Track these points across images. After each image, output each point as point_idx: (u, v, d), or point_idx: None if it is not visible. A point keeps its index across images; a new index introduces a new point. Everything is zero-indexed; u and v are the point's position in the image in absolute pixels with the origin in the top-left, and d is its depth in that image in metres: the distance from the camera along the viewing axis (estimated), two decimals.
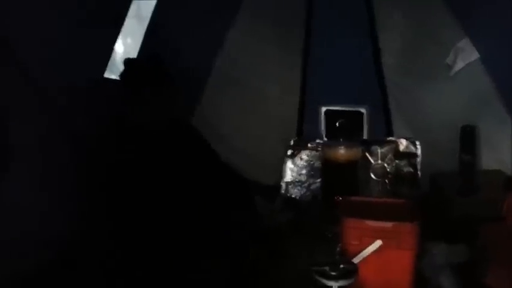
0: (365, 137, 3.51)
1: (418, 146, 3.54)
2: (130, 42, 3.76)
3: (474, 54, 3.24)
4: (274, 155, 3.74)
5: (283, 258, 2.76)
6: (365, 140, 3.49)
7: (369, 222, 2.40)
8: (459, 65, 3.31)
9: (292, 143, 3.73)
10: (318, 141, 3.62)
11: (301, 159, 3.69)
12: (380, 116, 3.77)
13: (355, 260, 2.29)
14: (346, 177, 3.28)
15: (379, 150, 3.48)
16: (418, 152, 3.54)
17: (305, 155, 3.68)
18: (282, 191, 3.66)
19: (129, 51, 3.50)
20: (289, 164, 3.69)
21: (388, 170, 3.47)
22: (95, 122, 2.67)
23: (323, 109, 3.55)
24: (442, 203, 3.12)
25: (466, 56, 3.28)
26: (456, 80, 3.35)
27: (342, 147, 3.32)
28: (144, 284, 2.31)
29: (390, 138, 3.64)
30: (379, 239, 2.34)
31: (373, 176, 3.45)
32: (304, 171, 3.68)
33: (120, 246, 2.37)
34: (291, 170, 3.69)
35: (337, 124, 3.49)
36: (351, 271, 2.10)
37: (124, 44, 3.72)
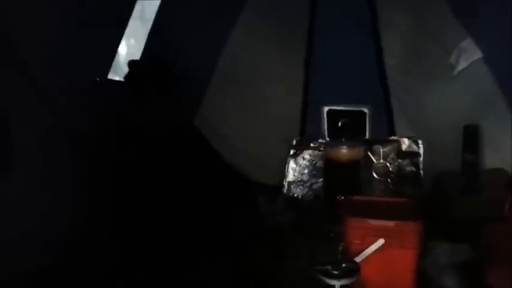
0: (367, 137, 3.50)
1: (420, 145, 3.52)
2: (134, 43, 3.78)
3: (477, 54, 3.23)
4: (276, 155, 3.73)
5: (286, 258, 2.75)
6: (367, 140, 3.48)
7: (371, 222, 2.39)
8: (462, 64, 3.29)
9: (294, 142, 3.72)
10: (321, 140, 3.61)
11: (303, 159, 3.68)
12: (382, 116, 3.74)
13: (358, 259, 2.29)
14: (348, 177, 3.27)
15: (382, 150, 3.47)
16: (421, 152, 3.52)
17: (307, 154, 3.68)
18: (284, 191, 3.65)
19: (133, 52, 3.52)
20: (291, 164, 3.68)
21: (390, 169, 3.46)
22: (96, 122, 2.68)
23: (325, 109, 3.55)
24: (445, 202, 3.10)
25: (469, 56, 3.26)
26: (459, 80, 3.33)
27: (344, 147, 3.30)
28: (144, 284, 2.31)
29: (393, 137, 3.62)
30: (382, 238, 2.34)
31: (375, 176, 3.44)
32: (306, 171, 3.67)
33: (120, 246, 2.37)
34: (293, 170, 3.68)
35: (339, 124, 3.48)
36: (353, 270, 2.10)
37: (127, 45, 3.74)
